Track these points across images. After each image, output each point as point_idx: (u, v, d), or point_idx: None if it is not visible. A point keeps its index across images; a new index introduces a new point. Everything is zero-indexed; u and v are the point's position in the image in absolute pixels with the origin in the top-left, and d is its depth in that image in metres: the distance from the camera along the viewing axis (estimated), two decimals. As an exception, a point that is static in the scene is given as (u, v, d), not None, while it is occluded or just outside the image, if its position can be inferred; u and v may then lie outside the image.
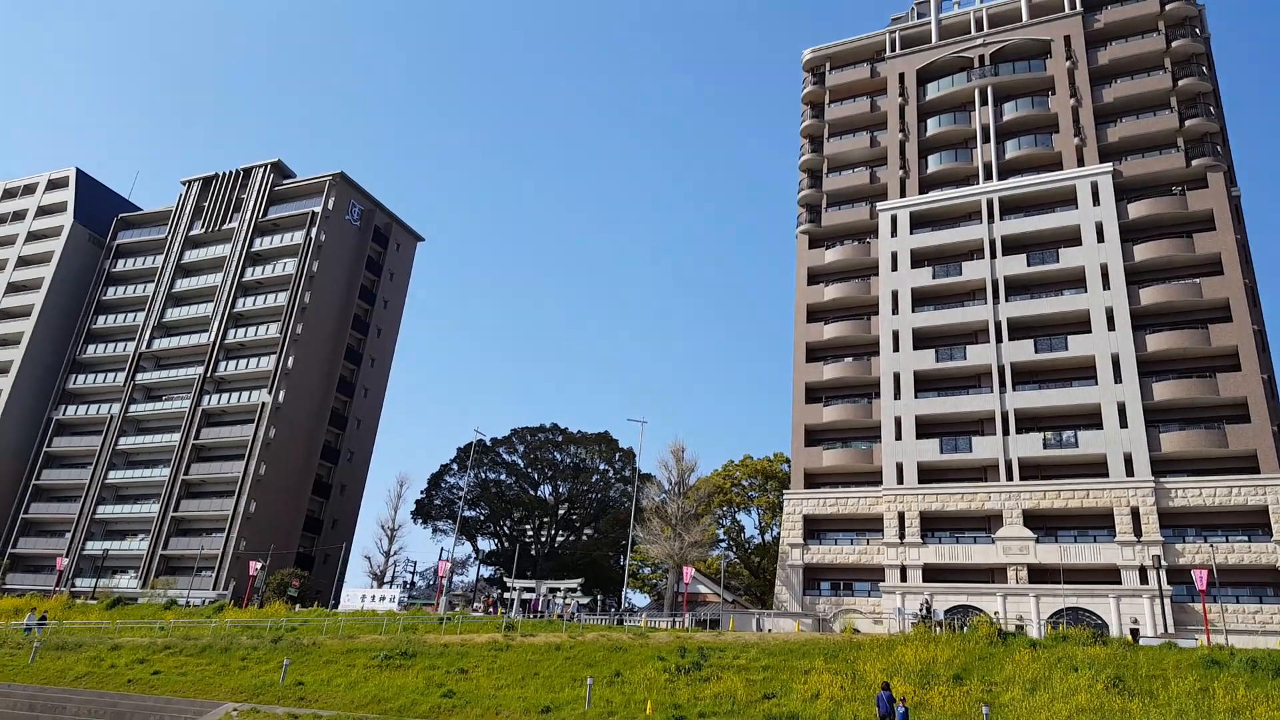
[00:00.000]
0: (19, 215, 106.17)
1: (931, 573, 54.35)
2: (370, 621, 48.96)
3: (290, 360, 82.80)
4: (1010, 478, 54.92)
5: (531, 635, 41.20)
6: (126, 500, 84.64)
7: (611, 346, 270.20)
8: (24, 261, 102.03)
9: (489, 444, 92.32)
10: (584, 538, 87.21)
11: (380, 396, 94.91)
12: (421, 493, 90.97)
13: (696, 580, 62.32)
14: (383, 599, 60.37)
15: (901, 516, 56.46)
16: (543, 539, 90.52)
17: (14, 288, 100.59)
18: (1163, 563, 48.17)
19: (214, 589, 71.70)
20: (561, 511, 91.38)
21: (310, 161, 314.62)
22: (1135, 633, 45.74)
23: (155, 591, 71.95)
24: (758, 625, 49.60)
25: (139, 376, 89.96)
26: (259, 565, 65.10)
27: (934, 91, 71.84)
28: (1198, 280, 56.25)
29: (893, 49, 75.45)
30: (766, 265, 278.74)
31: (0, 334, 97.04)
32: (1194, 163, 60.03)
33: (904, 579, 54.42)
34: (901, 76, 73.69)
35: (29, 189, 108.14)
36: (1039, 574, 51.91)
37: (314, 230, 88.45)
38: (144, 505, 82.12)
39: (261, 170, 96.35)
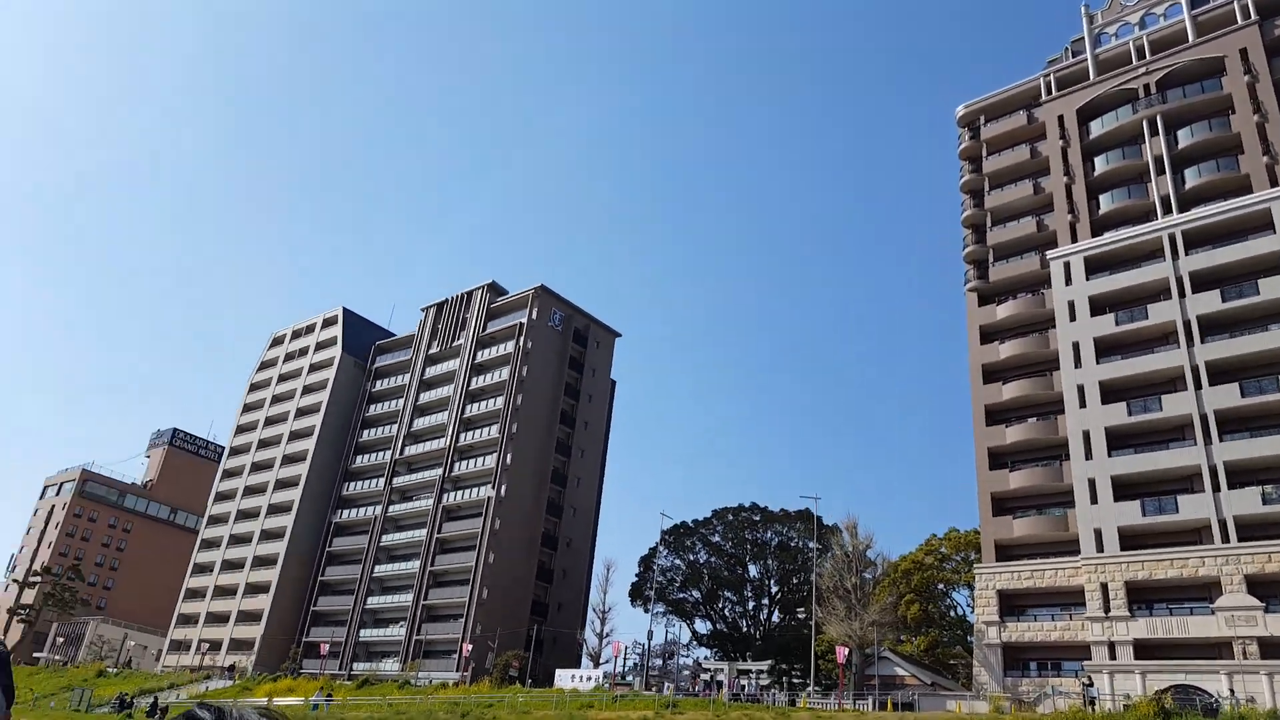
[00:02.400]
0: (303, 352, 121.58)
1: (1144, 649, 47.17)
2: (552, 699, 50.12)
3: (509, 457, 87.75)
4: (1225, 539, 46.94)
5: (680, 713, 40.36)
6: (389, 591, 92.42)
7: (805, 421, 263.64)
8: (307, 390, 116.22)
9: (691, 525, 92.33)
10: (798, 617, 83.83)
11: (593, 485, 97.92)
12: (636, 575, 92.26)
13: (891, 661, 58.02)
14: (588, 679, 61.42)
15: (1104, 587, 49.66)
16: (760, 619, 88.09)
17: (301, 412, 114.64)
18: None
19: (455, 670, 76.10)
20: (776, 591, 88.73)
21: (522, 277, 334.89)
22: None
23: (411, 674, 77.48)
24: (911, 705, 45.17)
25: (395, 480, 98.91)
26: (470, 649, 69.08)
27: (1098, 129, 65.24)
28: None
29: (1048, 92, 69.62)
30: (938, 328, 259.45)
31: (291, 452, 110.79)
32: None
33: (1113, 656, 47.59)
34: (1061, 119, 67.64)
35: (309, 329, 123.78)
36: (1274, 648, 43.59)
37: (521, 339, 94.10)
38: (401, 595, 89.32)
39: (480, 292, 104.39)
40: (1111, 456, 52.96)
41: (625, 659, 68.04)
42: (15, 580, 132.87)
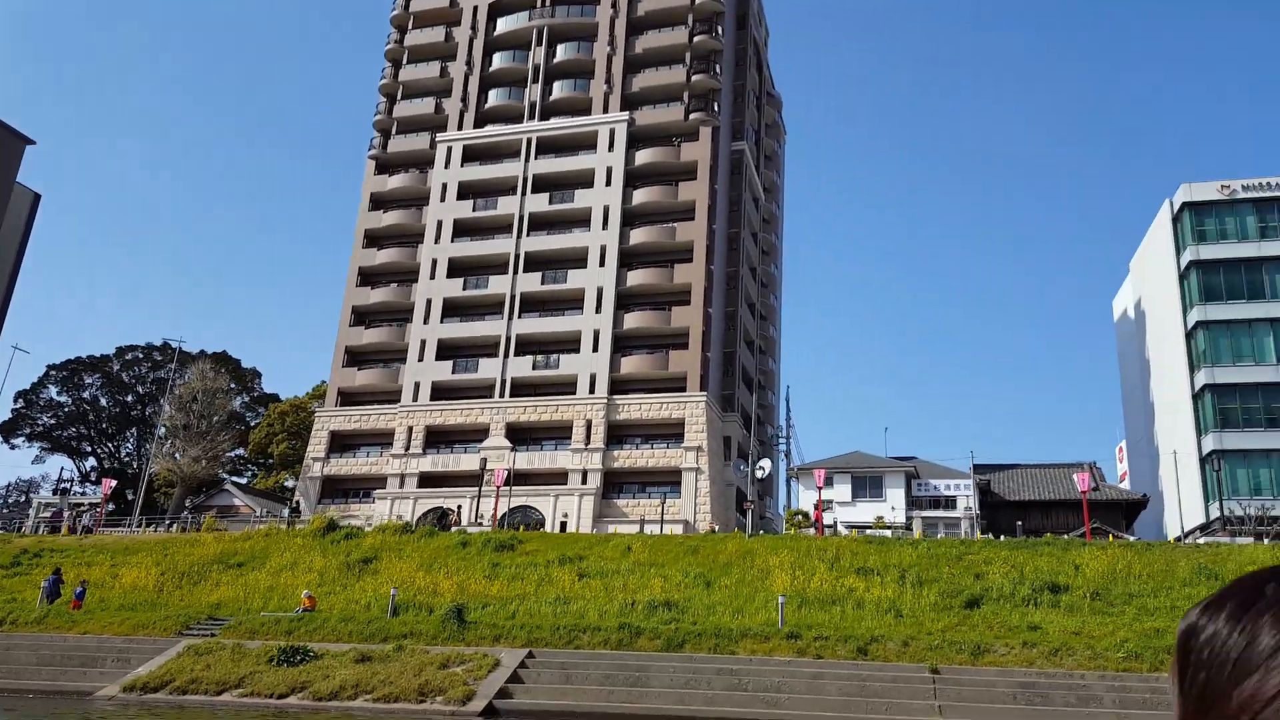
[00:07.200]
0: None
1: (428, 480, 62.69)
2: None
3: None
4: (504, 395, 63.76)
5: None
6: None
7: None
8: None
9: (88, 360, 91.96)
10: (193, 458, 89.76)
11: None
12: (11, 410, 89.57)
13: (231, 494, 67.90)
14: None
15: (410, 431, 64.14)
16: (155, 458, 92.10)
17: None
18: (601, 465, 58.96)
19: None
20: (184, 430, 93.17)
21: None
22: (564, 525, 56.15)
23: None
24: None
25: None
26: None
27: (502, 27, 77.07)
28: (674, 225, 66.31)
29: (472, -21, 79.55)
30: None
31: None
32: (691, 116, 69.55)
33: (402, 486, 62.45)
34: (475, 9, 78.20)
35: None
36: (518, 478, 61.36)
37: None
38: None
39: None
40: (443, 323, 67.03)
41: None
42: None
